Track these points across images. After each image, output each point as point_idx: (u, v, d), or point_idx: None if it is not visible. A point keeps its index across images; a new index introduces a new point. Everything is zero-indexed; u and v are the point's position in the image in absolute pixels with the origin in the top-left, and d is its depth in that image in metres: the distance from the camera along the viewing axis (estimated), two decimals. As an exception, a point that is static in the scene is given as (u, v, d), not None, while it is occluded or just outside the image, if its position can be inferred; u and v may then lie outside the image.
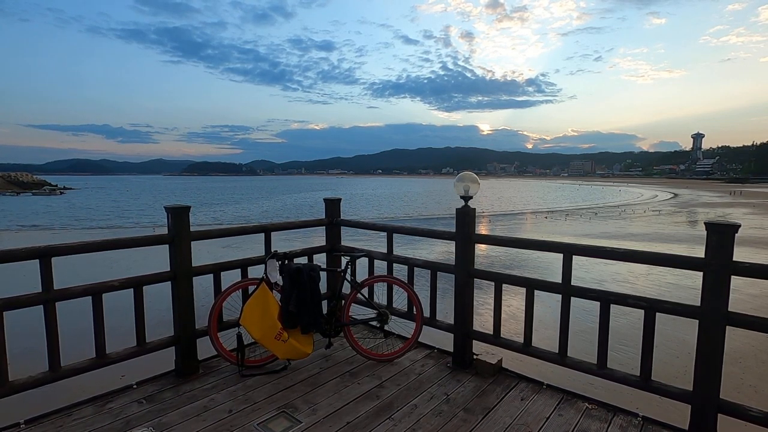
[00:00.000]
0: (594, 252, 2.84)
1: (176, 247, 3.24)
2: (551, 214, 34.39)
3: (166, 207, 3.24)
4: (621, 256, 2.71)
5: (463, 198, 3.42)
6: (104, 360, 2.94)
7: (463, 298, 3.48)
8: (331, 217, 4.50)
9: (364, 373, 3.43)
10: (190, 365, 3.36)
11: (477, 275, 3.46)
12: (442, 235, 3.71)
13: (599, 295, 2.80)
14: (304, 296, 3.44)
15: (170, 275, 3.25)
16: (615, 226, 25.52)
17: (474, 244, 3.46)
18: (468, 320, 3.52)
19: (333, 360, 3.64)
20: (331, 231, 4.52)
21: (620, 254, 2.70)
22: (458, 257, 3.48)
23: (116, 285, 2.97)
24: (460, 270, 3.48)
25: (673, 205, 44.02)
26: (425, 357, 3.71)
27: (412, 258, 3.93)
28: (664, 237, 20.32)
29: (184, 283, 3.29)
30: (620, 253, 2.71)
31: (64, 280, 2.91)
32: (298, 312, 3.40)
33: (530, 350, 3.15)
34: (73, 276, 3.86)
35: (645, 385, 2.66)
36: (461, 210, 3.44)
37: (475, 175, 3.46)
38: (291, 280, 3.45)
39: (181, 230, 3.25)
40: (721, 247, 2.31)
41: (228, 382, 3.27)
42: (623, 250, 2.70)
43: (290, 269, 3.49)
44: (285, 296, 3.42)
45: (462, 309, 3.50)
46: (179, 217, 3.24)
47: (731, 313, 2.35)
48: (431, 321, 3.77)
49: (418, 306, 3.74)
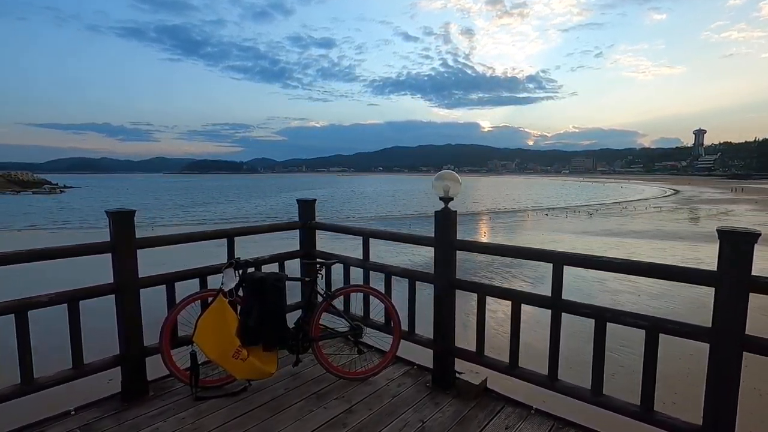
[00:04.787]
0: (589, 262, 2.47)
1: (119, 256, 2.89)
2: (552, 211, 34.02)
3: (107, 211, 2.88)
4: (620, 268, 2.34)
5: (443, 199, 3.06)
6: (31, 386, 2.59)
7: (443, 310, 3.12)
8: (305, 219, 4.14)
9: (333, 394, 3.07)
10: (137, 387, 3.01)
11: (459, 285, 3.10)
12: (421, 241, 3.35)
13: (594, 311, 2.43)
14: (266, 309, 3.08)
15: (112, 288, 2.90)
16: (616, 223, 25.15)
17: (455, 251, 3.09)
18: (449, 335, 3.16)
19: (300, 379, 3.29)
20: (305, 235, 4.16)
21: (619, 266, 2.34)
22: (438, 265, 3.12)
23: (45, 301, 2.61)
24: (440, 280, 3.12)
25: (674, 201, 43.63)
26: (403, 375, 3.35)
27: (390, 265, 3.57)
28: (666, 234, 19.94)
29: (129, 296, 2.94)
30: (618, 265, 2.34)
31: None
32: (260, 327, 3.04)
33: (516, 372, 2.79)
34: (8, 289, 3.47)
35: (646, 417, 2.30)
36: (441, 213, 3.07)
37: (457, 174, 3.09)
38: (252, 292, 3.10)
39: (125, 237, 2.90)
40: (738, 259, 1.94)
41: (179, 406, 2.91)
42: (621, 261, 2.34)
43: (252, 279, 3.13)
44: (245, 309, 3.07)
45: (442, 323, 3.15)
46: (121, 222, 2.88)
47: (749, 337, 1.99)
48: (410, 335, 3.41)
49: (396, 319, 3.39)
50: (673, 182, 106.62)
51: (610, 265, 2.37)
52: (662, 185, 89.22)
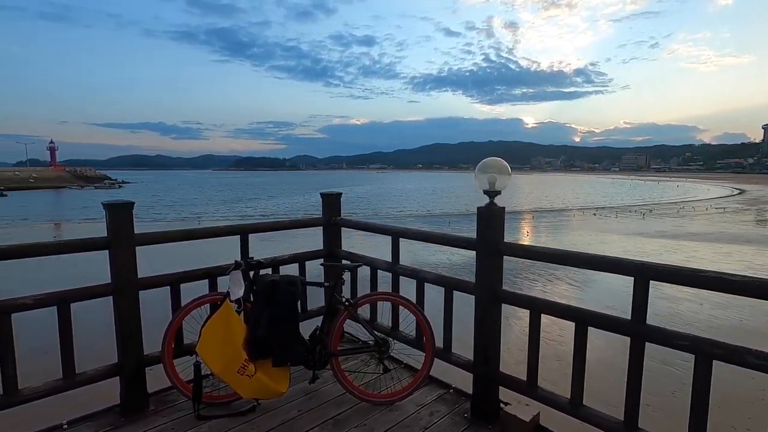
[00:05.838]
0: (687, 277, 1.85)
1: (116, 253, 2.56)
2: (600, 211, 32.05)
3: (103, 203, 2.57)
4: (731, 287, 1.72)
5: (488, 193, 2.51)
6: (17, 398, 2.31)
7: (486, 328, 2.58)
8: (329, 215, 3.70)
9: (353, 420, 2.62)
10: (136, 400, 2.69)
11: (506, 298, 2.55)
12: (460, 243, 2.81)
13: (694, 344, 1.81)
14: (278, 318, 2.68)
15: (109, 289, 2.58)
16: (672, 224, 23.22)
17: (502, 257, 2.54)
18: (492, 358, 2.62)
19: (317, 399, 2.86)
20: (329, 232, 3.73)
21: (731, 284, 1.71)
22: (480, 273, 2.58)
23: (30, 303, 2.32)
24: (482, 291, 2.58)
25: (740, 202, 39.99)
26: (436, 400, 2.84)
27: (423, 270, 3.07)
28: (730, 237, 18.12)
29: (127, 298, 2.62)
30: (730, 283, 1.72)
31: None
32: (270, 339, 2.64)
33: (581, 412, 2.21)
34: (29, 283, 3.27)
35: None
36: (485, 210, 2.53)
37: (505, 162, 2.54)
38: (263, 297, 2.70)
39: (122, 232, 2.57)
40: None
41: (179, 425, 2.56)
42: (731, 278, 1.71)
43: (263, 283, 2.73)
44: (254, 318, 2.67)
45: (484, 343, 2.61)
46: (119, 216, 2.55)
47: None
48: (445, 354, 2.90)
49: (428, 334, 2.88)
50: (737, 181, 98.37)
51: (719, 283, 1.75)
52: (725, 184, 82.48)
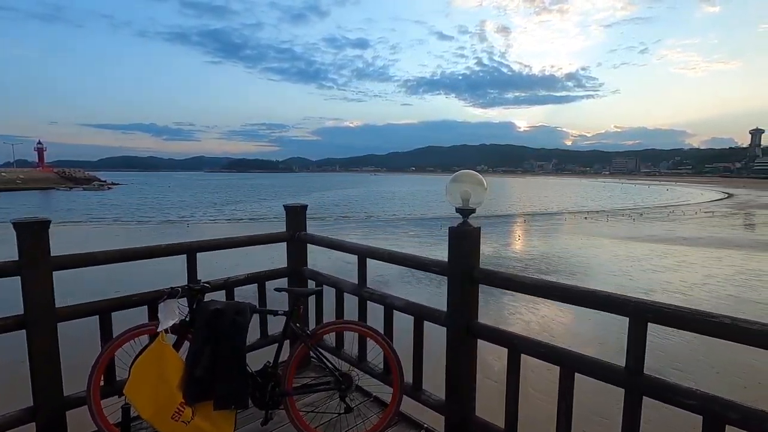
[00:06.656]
0: (688, 321, 1.53)
1: (28, 279, 2.19)
2: (591, 215, 31.96)
3: (13, 222, 2.20)
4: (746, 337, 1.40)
5: (461, 212, 2.18)
6: None
7: (459, 366, 2.25)
8: (293, 230, 3.35)
9: (308, 472, 2.27)
10: (55, 450, 2.32)
11: (481, 333, 2.21)
12: (430, 268, 2.46)
13: (701, 404, 1.49)
14: (221, 354, 2.32)
15: (19, 321, 2.21)
16: (663, 228, 23.14)
17: (478, 285, 2.21)
18: (466, 397, 2.28)
19: (268, 444, 2.50)
20: (293, 248, 3.37)
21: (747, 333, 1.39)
22: (452, 304, 2.25)
23: None
24: (454, 323, 2.25)
25: (728, 206, 40.21)
26: (405, 444, 2.51)
27: (391, 295, 2.73)
28: (719, 241, 18.02)
29: (42, 330, 2.25)
30: (746, 331, 1.40)
31: None
32: (211, 378, 2.29)
33: (565, 473, 1.88)
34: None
35: None
36: (457, 232, 2.20)
37: (480, 176, 2.20)
38: (204, 329, 2.34)
39: (36, 255, 2.20)
40: None
41: (103, 481, 2.20)
42: (748, 327, 1.40)
43: (205, 312, 2.38)
44: (192, 353, 2.32)
45: (457, 381, 2.27)
46: (31, 236, 2.18)
47: None
48: (414, 392, 2.55)
49: (397, 369, 2.53)
50: (725, 185, 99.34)
51: (732, 331, 1.42)
52: (713, 188, 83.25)
